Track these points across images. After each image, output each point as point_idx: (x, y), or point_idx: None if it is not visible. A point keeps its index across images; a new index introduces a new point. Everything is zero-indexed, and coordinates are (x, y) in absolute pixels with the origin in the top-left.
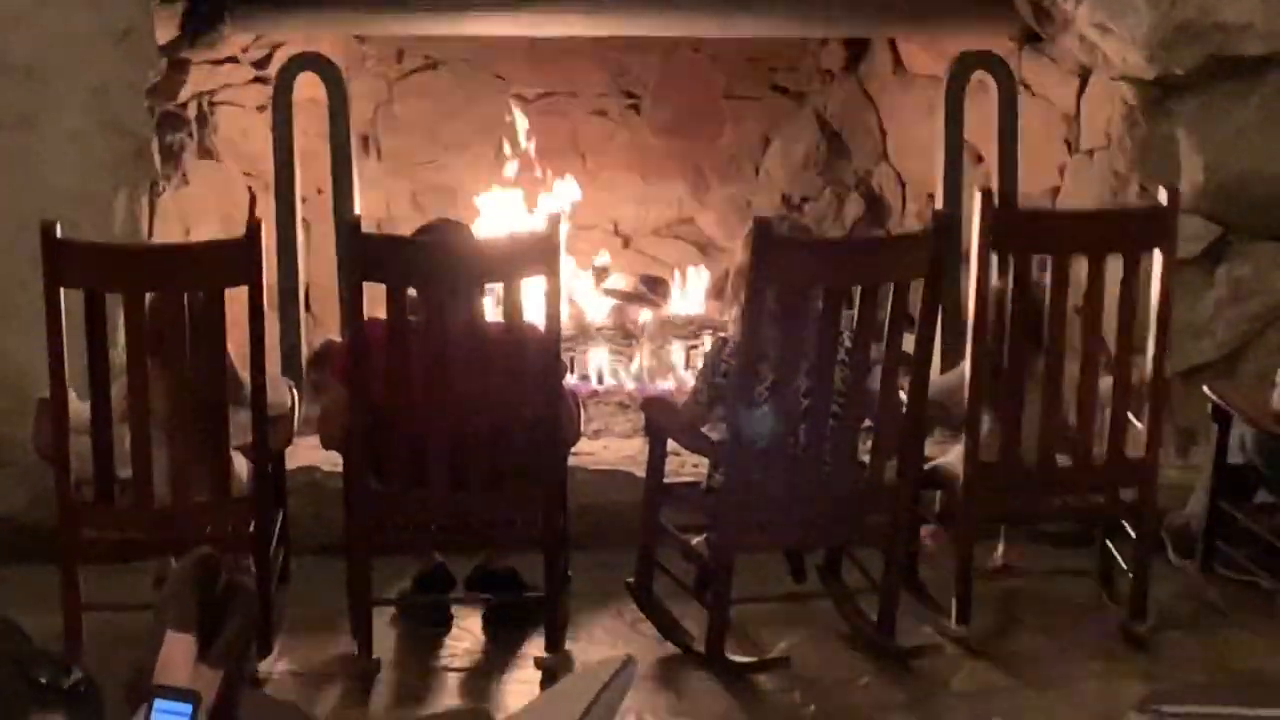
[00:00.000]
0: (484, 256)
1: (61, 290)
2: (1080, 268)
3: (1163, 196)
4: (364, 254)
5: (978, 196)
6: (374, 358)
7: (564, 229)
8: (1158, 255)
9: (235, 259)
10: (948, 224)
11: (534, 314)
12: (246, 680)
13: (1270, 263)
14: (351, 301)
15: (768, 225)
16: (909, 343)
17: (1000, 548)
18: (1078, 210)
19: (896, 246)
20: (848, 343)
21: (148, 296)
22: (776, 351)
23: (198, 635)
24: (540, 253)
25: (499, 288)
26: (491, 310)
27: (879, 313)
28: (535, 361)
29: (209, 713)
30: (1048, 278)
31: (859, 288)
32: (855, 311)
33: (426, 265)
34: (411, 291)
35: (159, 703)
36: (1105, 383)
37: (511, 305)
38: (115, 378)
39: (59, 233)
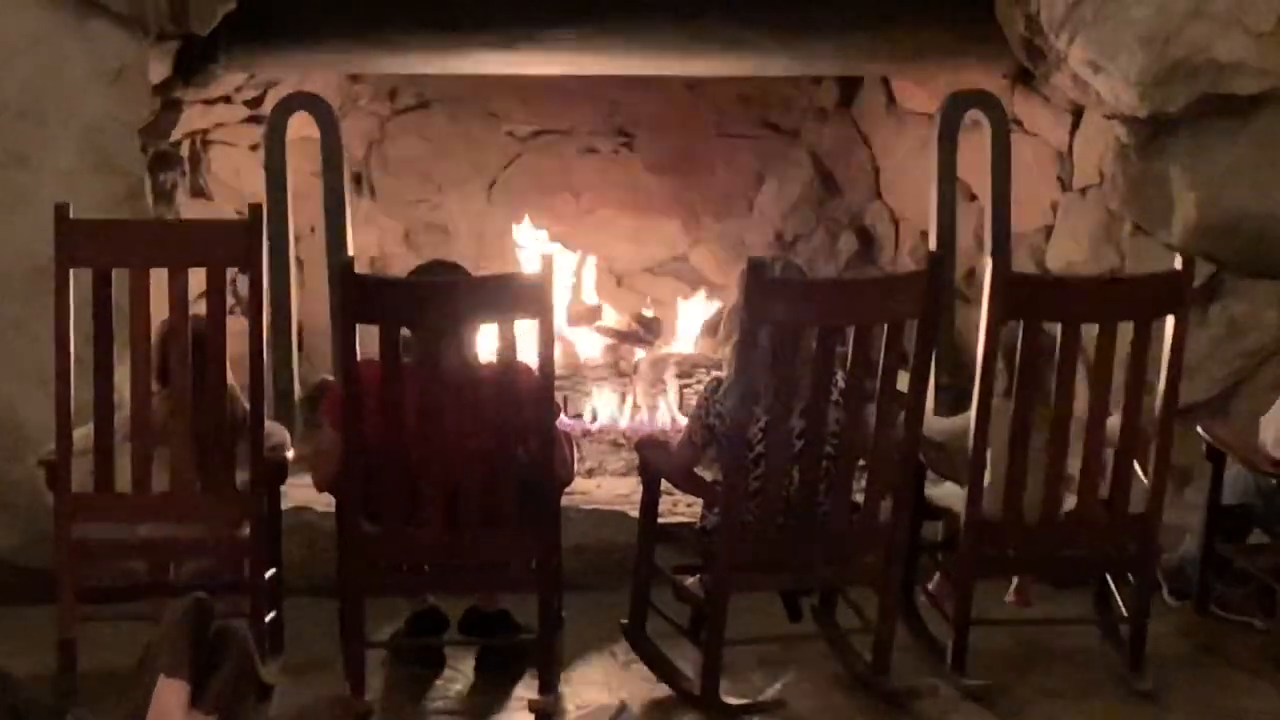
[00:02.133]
0: (477, 298)
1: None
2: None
3: (1177, 263)
4: (357, 295)
5: (989, 265)
6: (367, 399)
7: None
8: (1170, 321)
9: (238, 239)
10: (941, 265)
11: (527, 354)
12: None
13: (1264, 300)
14: (344, 343)
15: (762, 266)
16: (904, 382)
17: (1013, 583)
18: (1090, 278)
19: (890, 286)
20: (841, 383)
21: (155, 327)
22: (770, 392)
23: (191, 680)
24: (533, 295)
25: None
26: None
27: (873, 353)
28: (528, 403)
29: None
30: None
31: (853, 328)
32: (849, 351)
33: (420, 307)
34: (405, 332)
35: None
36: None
37: (505, 347)
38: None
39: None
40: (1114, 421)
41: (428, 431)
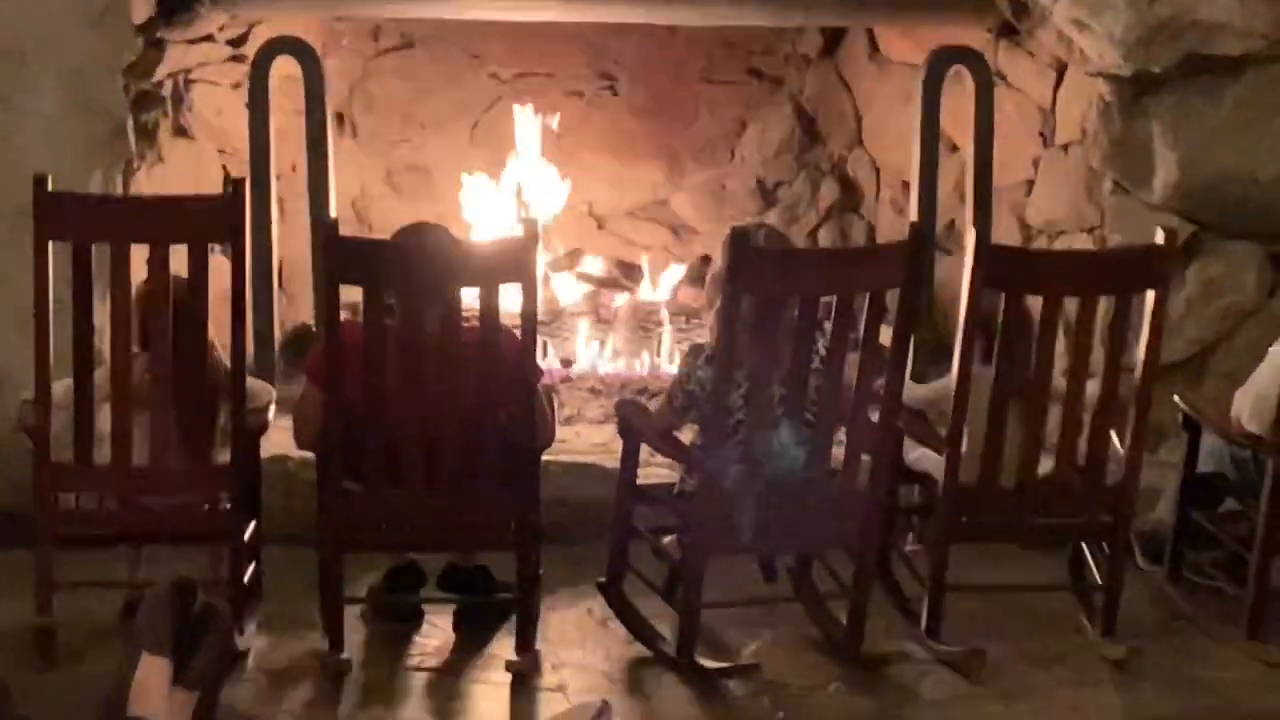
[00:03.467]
0: (461, 261)
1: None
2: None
3: (1159, 238)
4: (341, 257)
5: (970, 236)
6: (350, 359)
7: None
8: (1150, 295)
9: (220, 213)
10: (923, 236)
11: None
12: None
13: (1242, 262)
14: (328, 304)
15: (744, 235)
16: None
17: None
18: (1072, 251)
19: (872, 257)
20: (822, 350)
21: (134, 290)
22: (751, 359)
23: (173, 658)
24: (517, 259)
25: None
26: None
27: (854, 322)
28: (510, 365)
29: None
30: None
31: (834, 297)
32: (830, 320)
33: (404, 269)
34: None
35: None
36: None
37: (488, 310)
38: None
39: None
40: (1094, 386)
41: (410, 392)
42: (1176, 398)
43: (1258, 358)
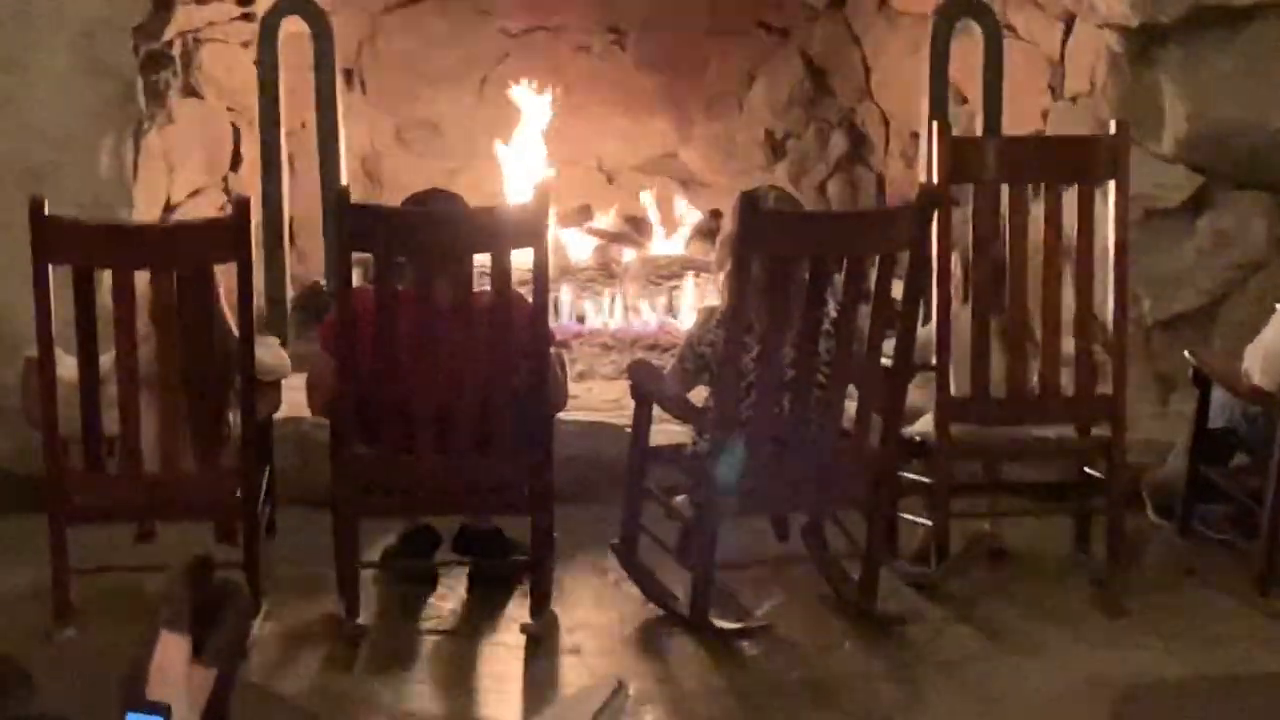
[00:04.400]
0: (472, 228)
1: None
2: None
3: (1112, 128)
4: (353, 224)
5: (933, 127)
6: (363, 326)
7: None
8: (1113, 188)
9: (224, 238)
10: (934, 198)
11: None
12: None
13: (1251, 212)
14: (339, 272)
15: (755, 198)
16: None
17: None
18: (1034, 137)
19: (882, 219)
20: (833, 313)
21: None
22: (762, 322)
23: (192, 636)
24: (529, 225)
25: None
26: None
27: (864, 284)
28: (522, 331)
29: (202, 713)
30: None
31: (845, 259)
32: (840, 282)
33: (415, 236)
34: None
35: (131, 716)
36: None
37: (500, 276)
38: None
39: (47, 210)
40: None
41: (422, 358)
42: (1187, 353)
43: (1268, 309)
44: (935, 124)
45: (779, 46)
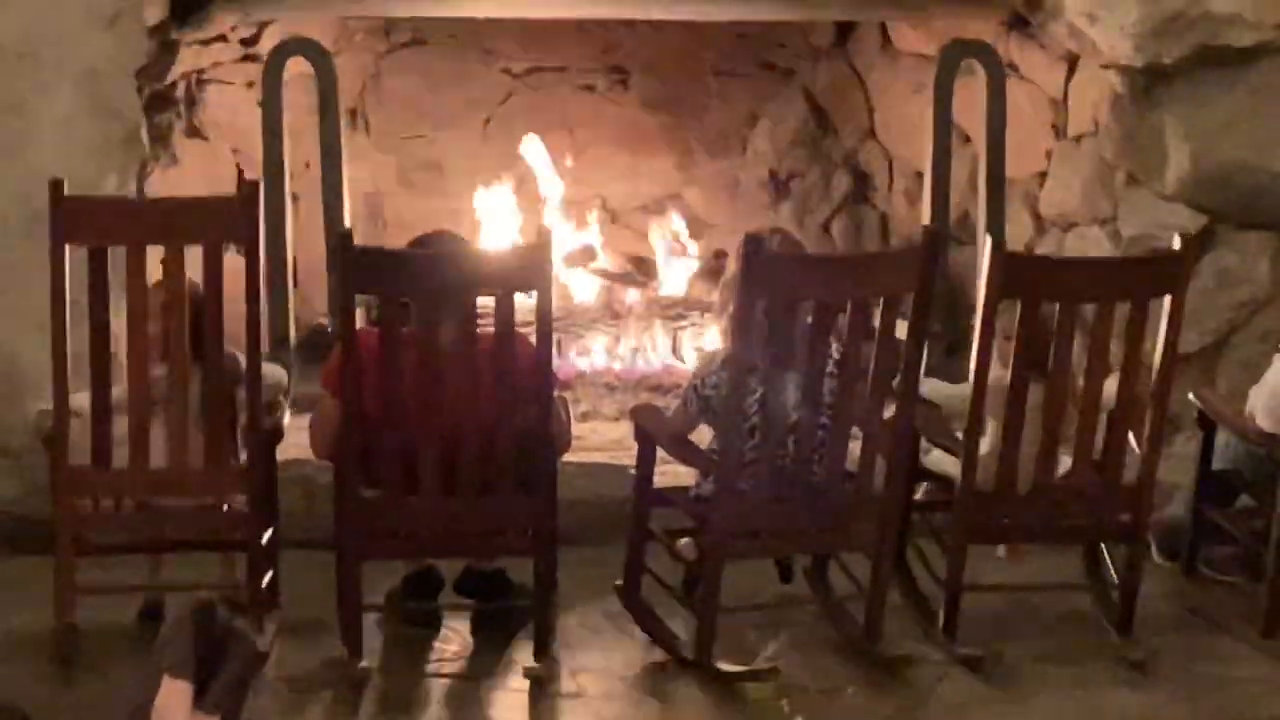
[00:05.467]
0: (476, 270)
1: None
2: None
3: (1176, 243)
4: (356, 266)
5: (988, 245)
6: (367, 367)
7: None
8: (1167, 299)
9: (234, 214)
10: (938, 240)
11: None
12: None
13: (1256, 252)
14: (343, 315)
15: (758, 241)
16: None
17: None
18: (1089, 259)
19: (886, 261)
20: (836, 355)
21: (151, 296)
22: (766, 364)
23: (194, 681)
24: (532, 267)
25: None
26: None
27: (868, 327)
28: (526, 373)
29: None
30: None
31: (849, 301)
32: (845, 325)
33: (419, 278)
34: None
35: None
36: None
37: (503, 318)
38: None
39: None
40: (1110, 386)
41: (426, 400)
42: (1192, 395)
43: (1272, 349)
44: (991, 239)
45: (782, 86)
